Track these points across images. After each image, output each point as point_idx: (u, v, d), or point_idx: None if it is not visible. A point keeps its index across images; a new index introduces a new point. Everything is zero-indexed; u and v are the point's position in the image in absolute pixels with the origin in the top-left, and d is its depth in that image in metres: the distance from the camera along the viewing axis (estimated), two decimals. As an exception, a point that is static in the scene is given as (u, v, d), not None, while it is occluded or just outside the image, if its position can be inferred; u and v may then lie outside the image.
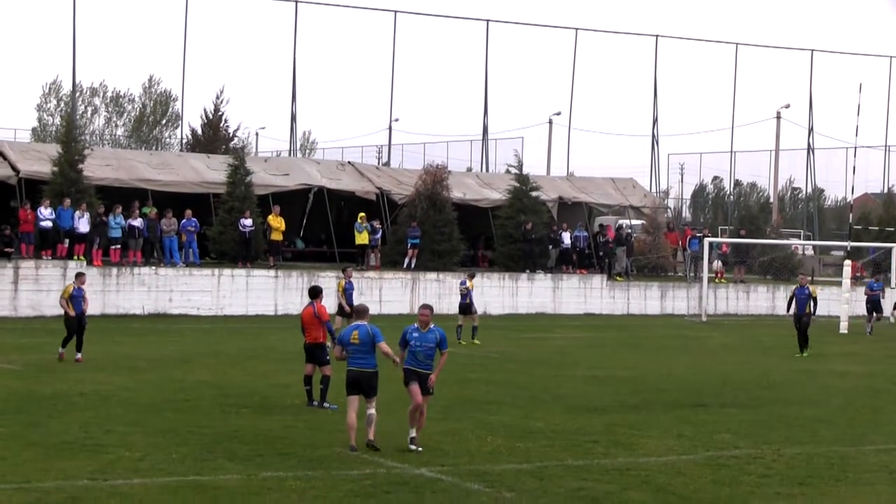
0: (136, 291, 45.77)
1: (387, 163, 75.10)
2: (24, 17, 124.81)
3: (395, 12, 68.62)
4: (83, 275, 31.49)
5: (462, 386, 26.63)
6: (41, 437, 18.86)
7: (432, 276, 51.94)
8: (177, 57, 62.95)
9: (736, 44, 77.99)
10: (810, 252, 75.31)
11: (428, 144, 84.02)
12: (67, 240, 45.48)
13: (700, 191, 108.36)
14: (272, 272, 48.78)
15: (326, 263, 52.70)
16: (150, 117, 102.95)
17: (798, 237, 78.13)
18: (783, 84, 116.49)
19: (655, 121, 74.22)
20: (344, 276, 36.86)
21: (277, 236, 49.96)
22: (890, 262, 60.08)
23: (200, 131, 74.34)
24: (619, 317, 54.61)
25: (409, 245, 52.11)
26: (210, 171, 52.26)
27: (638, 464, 18.08)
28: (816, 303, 38.26)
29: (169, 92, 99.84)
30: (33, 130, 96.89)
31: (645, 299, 57.14)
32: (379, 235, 52.56)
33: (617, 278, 56.89)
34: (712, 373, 31.47)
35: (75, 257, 45.17)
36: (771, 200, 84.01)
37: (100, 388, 24.81)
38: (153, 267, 46.85)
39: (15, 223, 45.58)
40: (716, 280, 59.09)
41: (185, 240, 48.48)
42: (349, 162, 61.55)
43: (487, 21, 70.52)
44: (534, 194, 56.23)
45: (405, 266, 52.11)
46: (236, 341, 36.91)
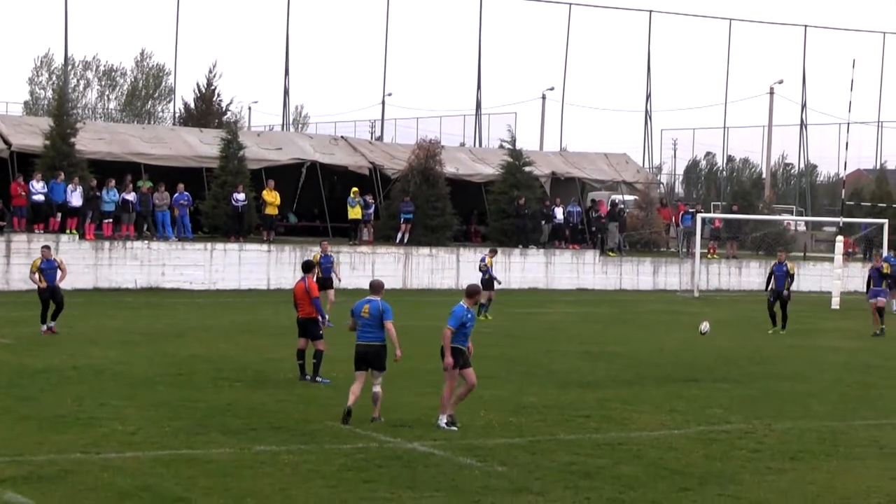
0: (129, 265, 45.75)
1: (380, 137, 75.08)
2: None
3: (389, -14, 68.49)
4: (48, 247, 31.38)
5: (454, 360, 26.65)
6: (34, 411, 18.88)
7: (425, 252, 51.93)
8: (169, 31, 63.03)
9: (730, 19, 78.09)
10: (802, 228, 75.40)
11: (421, 119, 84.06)
12: (60, 213, 45.41)
13: (693, 166, 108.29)
14: (265, 246, 48.77)
15: (319, 238, 52.62)
16: (143, 91, 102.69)
17: (790, 213, 78.17)
18: (777, 60, 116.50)
19: (649, 96, 74.21)
20: (320, 250, 36.75)
21: (272, 210, 49.91)
22: (882, 238, 60.13)
23: (193, 105, 74.12)
24: (612, 292, 54.65)
25: (402, 220, 52.09)
26: (203, 146, 52.17)
27: (630, 438, 18.14)
28: (792, 279, 38.00)
29: (162, 66, 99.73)
30: (25, 104, 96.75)
31: (637, 275, 57.19)
32: (372, 210, 52.53)
33: (610, 254, 56.91)
34: (704, 348, 31.51)
35: (68, 231, 45.11)
36: (763, 176, 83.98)
37: (93, 362, 24.82)
38: (146, 241, 46.82)
39: (7, 197, 45.52)
40: (708, 256, 59.14)
41: (178, 214, 48.43)
42: (342, 136, 61.42)
43: (481, -5, 70.39)
44: (527, 169, 56.18)
45: (398, 241, 52.10)
46: (229, 315, 36.91)
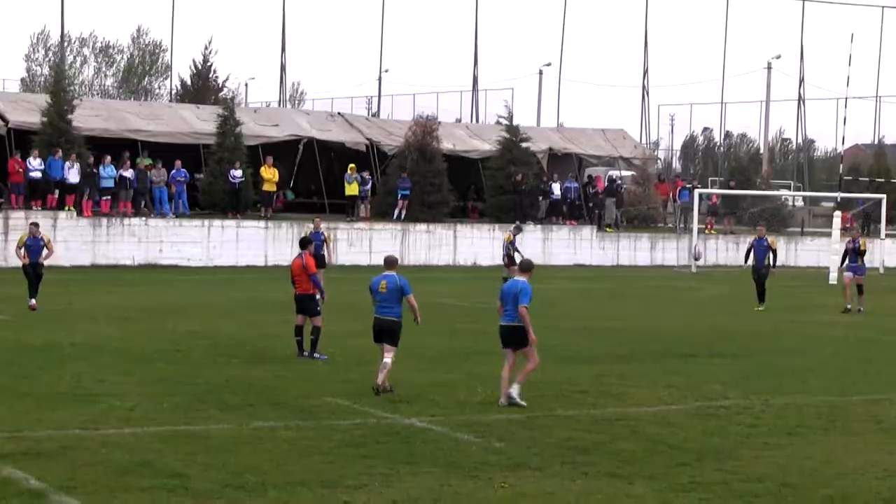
0: (127, 242, 45.78)
1: (376, 114, 74.98)
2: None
3: (386, -38, 68.32)
4: (36, 224, 31.56)
5: (451, 337, 26.72)
6: (33, 388, 18.90)
7: (422, 228, 51.95)
8: (166, 7, 62.80)
9: (727, -7, 77.81)
10: (800, 203, 75.39)
11: (418, 95, 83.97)
12: (57, 190, 45.40)
13: (690, 142, 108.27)
14: (262, 223, 48.78)
15: (316, 214, 52.61)
16: (139, 68, 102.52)
17: (788, 188, 78.13)
18: (774, 34, 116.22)
19: (646, 72, 74.10)
20: (313, 227, 36.64)
21: (270, 187, 49.87)
22: (879, 213, 60.17)
23: (190, 82, 74.07)
24: (609, 268, 54.71)
25: (399, 196, 52.08)
26: (199, 122, 52.14)
27: (627, 414, 18.16)
28: (776, 255, 37.10)
29: (158, 42, 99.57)
30: (22, 81, 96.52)
31: (635, 250, 57.23)
32: (369, 186, 52.54)
33: (607, 229, 56.92)
34: (702, 324, 31.56)
35: (66, 208, 45.10)
36: (761, 151, 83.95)
37: (91, 339, 24.85)
38: (143, 218, 46.82)
39: (4, 174, 45.48)
40: (706, 231, 59.16)
41: (175, 190, 48.42)
42: (339, 113, 61.37)
43: (478, -30, 70.24)
44: (524, 145, 56.16)
45: (395, 217, 52.12)
46: (227, 292, 36.94)
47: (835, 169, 76.50)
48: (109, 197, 46.51)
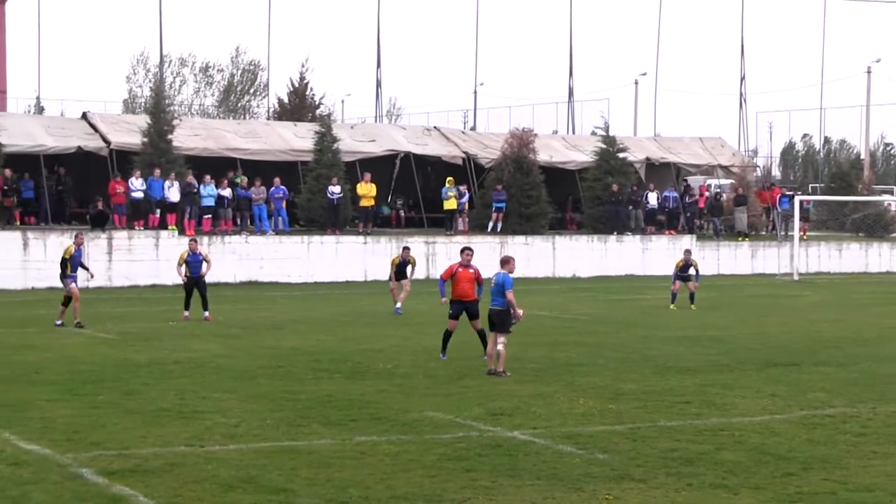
0: (228, 260, 46.18)
1: (473, 127, 75.08)
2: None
3: (479, -24, 68.43)
4: (195, 240, 33.63)
5: (552, 348, 26.65)
6: (138, 405, 19.13)
7: (521, 240, 51.85)
8: (262, 26, 63.43)
9: (824, -2, 76.98)
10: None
11: (513, 108, 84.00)
12: (159, 210, 46.00)
13: (789, 149, 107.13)
14: (361, 238, 49.02)
15: (415, 229, 52.83)
16: (238, 87, 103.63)
17: (891, 193, 77.01)
18: (874, 38, 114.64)
19: (743, 79, 73.52)
20: (401, 254, 36.38)
21: (367, 203, 50.11)
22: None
23: (287, 100, 74.67)
24: (710, 277, 54.10)
25: (494, 209, 52.12)
26: (297, 139, 52.59)
27: (731, 424, 17.98)
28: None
29: (256, 62, 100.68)
30: (123, 102, 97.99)
31: (735, 259, 56.72)
32: (466, 199, 52.59)
33: (740, 239, 56.81)
34: (804, 331, 31.18)
35: (168, 227, 45.68)
36: (862, 157, 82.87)
37: (194, 356, 25.11)
38: (243, 235, 47.27)
39: (107, 195, 46.18)
40: (802, 238, 58.50)
41: (274, 208, 48.86)
42: (435, 127, 61.56)
43: (571, -18, 70.14)
44: (621, 156, 55.96)
45: (489, 230, 52.12)
46: (327, 307, 37.14)
47: (939, 173, 75.27)
48: (210, 215, 47.07)
